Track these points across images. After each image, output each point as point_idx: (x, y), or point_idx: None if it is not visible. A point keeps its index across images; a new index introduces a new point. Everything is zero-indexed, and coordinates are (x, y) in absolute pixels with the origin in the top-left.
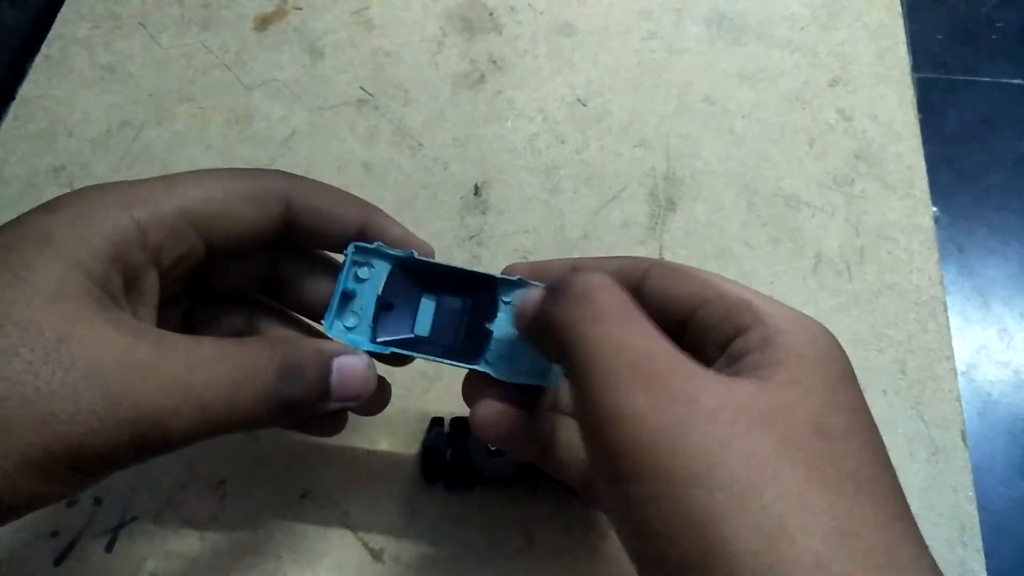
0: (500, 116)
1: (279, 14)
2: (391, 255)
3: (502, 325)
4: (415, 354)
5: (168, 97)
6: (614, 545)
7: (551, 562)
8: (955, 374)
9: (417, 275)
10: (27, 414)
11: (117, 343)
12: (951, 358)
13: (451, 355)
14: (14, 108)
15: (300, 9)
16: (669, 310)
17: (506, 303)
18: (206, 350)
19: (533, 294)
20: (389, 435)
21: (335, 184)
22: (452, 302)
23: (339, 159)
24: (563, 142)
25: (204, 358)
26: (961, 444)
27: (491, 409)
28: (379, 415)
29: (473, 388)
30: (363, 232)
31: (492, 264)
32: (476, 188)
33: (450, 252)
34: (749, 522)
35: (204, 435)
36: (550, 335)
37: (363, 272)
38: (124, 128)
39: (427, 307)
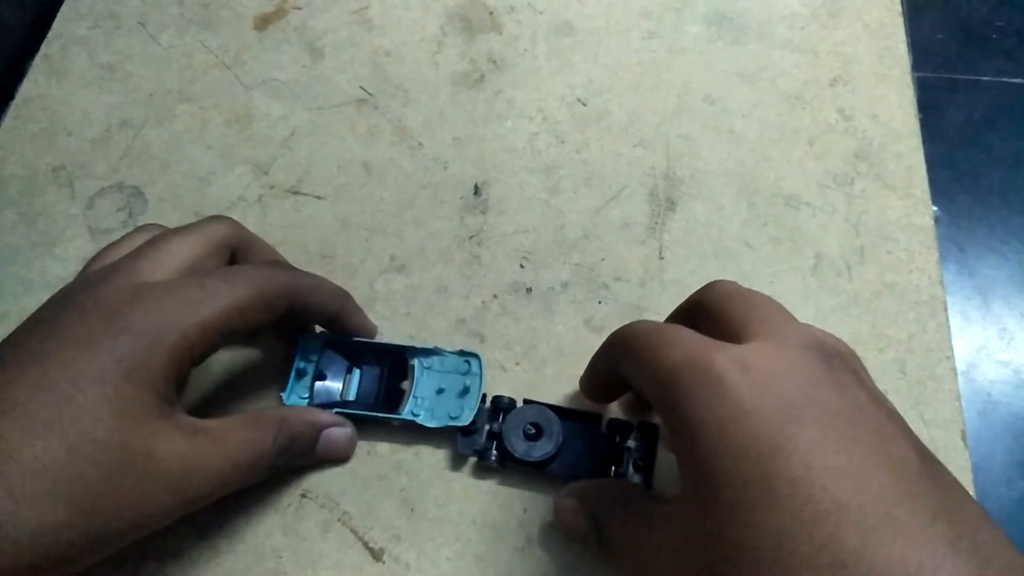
0: (500, 116)
1: (279, 14)
2: (330, 339)
3: (424, 386)
4: (348, 411)
5: (168, 97)
6: None
7: (551, 562)
8: (955, 374)
9: (345, 351)
10: (120, 520)
11: (183, 449)
12: (951, 358)
13: (374, 410)
14: (14, 108)
15: (300, 9)
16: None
17: (426, 368)
18: (236, 439)
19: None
20: (389, 435)
21: (335, 184)
22: (372, 371)
23: (339, 159)
24: (563, 142)
25: (233, 446)
26: (961, 444)
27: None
28: None
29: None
30: (335, 318)
31: (492, 263)
32: (476, 188)
33: (450, 252)
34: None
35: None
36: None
37: (312, 355)
38: (124, 128)
39: (354, 376)
